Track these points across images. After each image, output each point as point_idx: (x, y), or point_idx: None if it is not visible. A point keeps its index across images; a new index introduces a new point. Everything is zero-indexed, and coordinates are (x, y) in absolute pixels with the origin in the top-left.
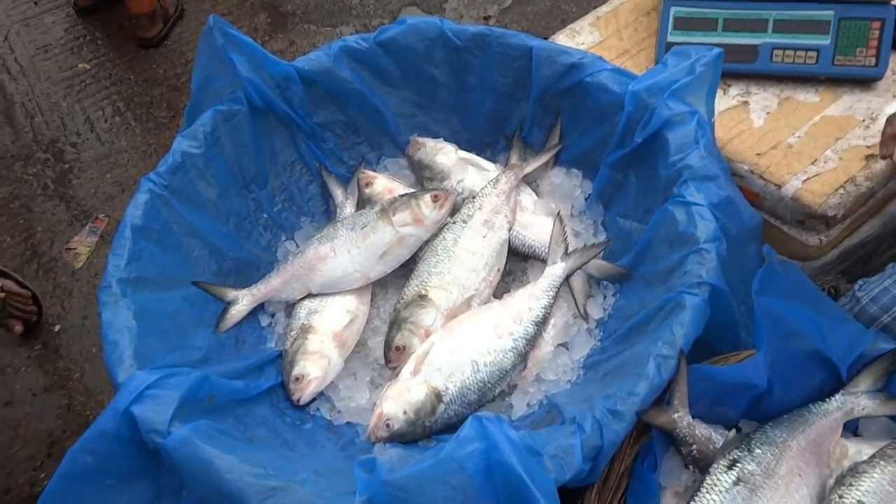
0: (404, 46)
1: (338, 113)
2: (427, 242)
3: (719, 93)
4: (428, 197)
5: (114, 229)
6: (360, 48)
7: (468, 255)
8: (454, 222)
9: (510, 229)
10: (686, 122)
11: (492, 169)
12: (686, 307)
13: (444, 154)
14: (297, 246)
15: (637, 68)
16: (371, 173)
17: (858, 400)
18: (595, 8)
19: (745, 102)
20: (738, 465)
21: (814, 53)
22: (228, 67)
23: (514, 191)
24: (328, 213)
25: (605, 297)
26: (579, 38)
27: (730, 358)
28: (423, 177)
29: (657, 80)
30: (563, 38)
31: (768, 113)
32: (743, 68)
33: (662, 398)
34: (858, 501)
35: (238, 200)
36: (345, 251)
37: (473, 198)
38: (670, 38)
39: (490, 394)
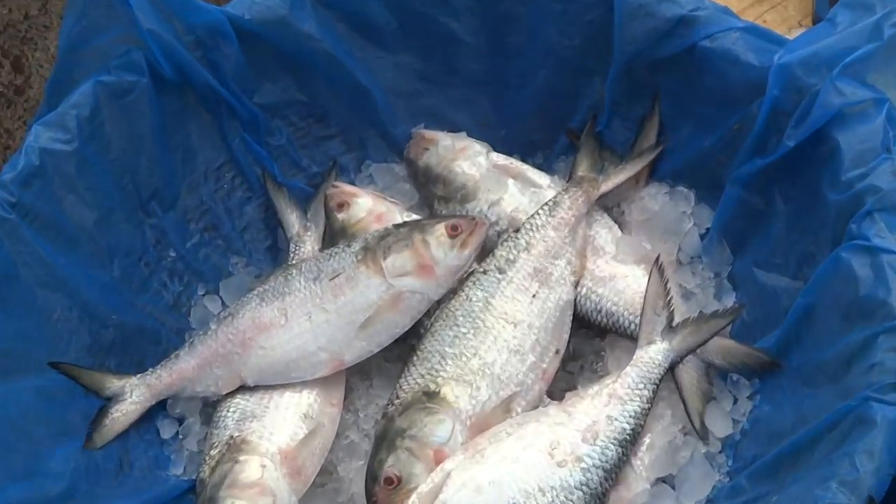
0: None
1: (295, 89)
2: (440, 305)
3: None
4: (441, 229)
5: None
6: None
7: (507, 326)
8: (484, 272)
9: (577, 284)
10: (869, 115)
11: (546, 184)
12: (876, 424)
13: (467, 158)
14: (224, 305)
15: (784, 26)
16: (348, 188)
17: None
18: None
19: None
20: None
21: None
22: (120, 13)
23: (584, 222)
24: (275, 253)
25: (735, 400)
26: None
27: None
28: (434, 195)
29: (820, 47)
30: None
31: None
32: None
33: None
34: None
35: (129, 229)
36: (303, 316)
37: (517, 232)
38: None
39: None
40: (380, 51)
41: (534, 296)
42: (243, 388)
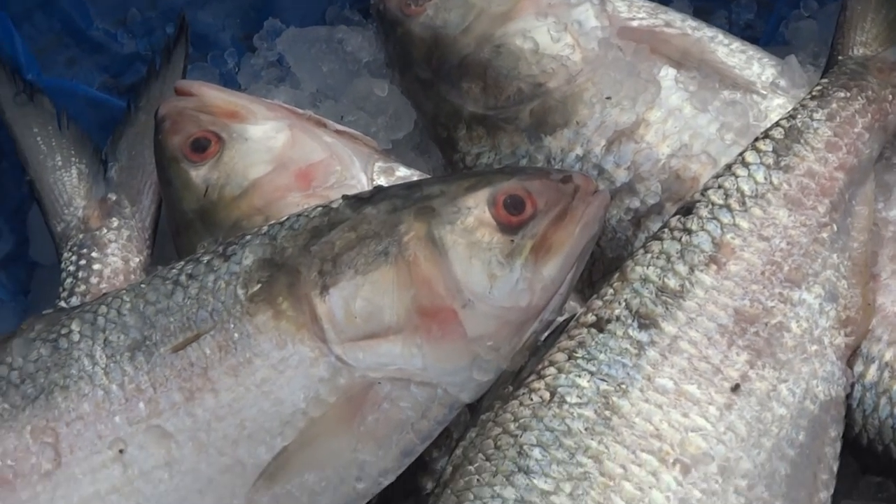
0: None
1: None
2: (474, 414)
3: None
4: (480, 208)
5: None
6: None
7: (663, 471)
8: (598, 327)
9: (853, 355)
10: None
11: (763, 80)
12: None
13: (547, 13)
14: None
15: None
16: (218, 96)
17: None
18: None
19: None
20: None
21: None
22: None
23: (871, 180)
24: (23, 274)
25: None
26: None
27: None
28: (457, 112)
29: None
30: None
31: None
32: None
33: None
34: None
35: None
36: (103, 451)
37: (687, 214)
38: None
39: None
40: None
41: (734, 388)
42: None
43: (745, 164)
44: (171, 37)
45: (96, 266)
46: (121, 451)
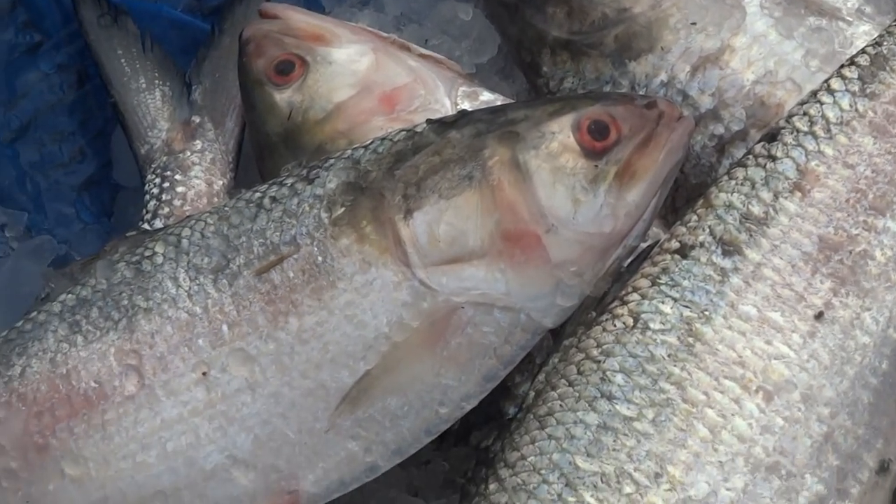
0: None
1: None
2: (557, 340)
3: None
4: (564, 133)
5: None
6: None
7: (746, 399)
8: (682, 253)
9: None
10: None
11: (850, 5)
12: None
13: None
14: None
15: None
16: (302, 18)
17: None
18: None
19: None
20: None
21: None
22: None
23: None
24: (105, 198)
25: None
26: None
27: None
28: (542, 37)
29: None
30: None
31: None
32: None
33: None
34: None
35: None
36: (187, 373)
37: (772, 141)
38: None
39: None
40: None
41: (818, 316)
42: None
43: (831, 91)
44: None
45: (180, 189)
46: (204, 374)
